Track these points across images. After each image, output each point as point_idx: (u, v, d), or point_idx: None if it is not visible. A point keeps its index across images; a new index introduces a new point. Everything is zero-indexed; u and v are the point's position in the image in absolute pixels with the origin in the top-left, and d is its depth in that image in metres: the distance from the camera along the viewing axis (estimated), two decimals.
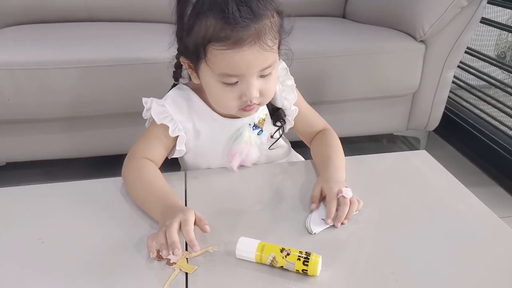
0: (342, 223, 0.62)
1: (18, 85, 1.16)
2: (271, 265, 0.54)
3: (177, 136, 0.73)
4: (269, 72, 0.66)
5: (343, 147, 0.79)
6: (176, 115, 0.72)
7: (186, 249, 0.57)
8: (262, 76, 0.65)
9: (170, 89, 0.78)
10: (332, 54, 1.32)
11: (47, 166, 1.41)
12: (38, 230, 0.61)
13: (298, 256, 0.53)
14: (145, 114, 0.76)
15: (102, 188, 0.73)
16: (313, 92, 1.34)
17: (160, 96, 0.80)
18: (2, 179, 1.36)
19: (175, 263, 0.54)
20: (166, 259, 0.55)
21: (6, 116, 1.22)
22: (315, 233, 0.60)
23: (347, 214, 0.62)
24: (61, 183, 0.73)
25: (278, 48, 0.67)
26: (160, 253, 0.55)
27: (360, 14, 1.68)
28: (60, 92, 1.19)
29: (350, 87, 1.39)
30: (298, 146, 0.92)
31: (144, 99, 0.74)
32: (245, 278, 0.53)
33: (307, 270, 0.52)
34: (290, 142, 0.89)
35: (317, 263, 0.52)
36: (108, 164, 1.41)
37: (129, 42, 1.31)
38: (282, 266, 0.53)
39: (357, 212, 0.65)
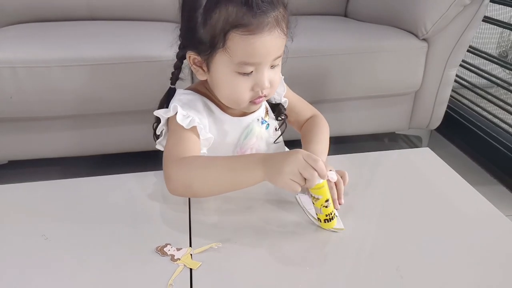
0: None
1: (20, 83, 1.16)
2: (311, 196, 0.59)
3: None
4: (278, 63, 0.68)
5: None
6: (197, 117, 0.70)
7: (190, 245, 0.57)
8: (272, 67, 0.67)
9: (166, 95, 0.77)
10: (334, 53, 1.32)
11: (49, 164, 1.41)
12: (42, 227, 0.61)
13: (330, 212, 0.59)
14: (160, 128, 0.72)
15: (105, 185, 0.73)
16: (315, 90, 1.35)
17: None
18: (4, 177, 1.36)
19: (179, 259, 0.54)
20: (171, 255, 0.55)
21: (8, 114, 1.22)
22: (343, 229, 0.61)
23: (338, 195, 0.65)
24: (65, 180, 0.73)
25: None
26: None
27: (362, 13, 1.68)
28: (62, 90, 1.19)
29: (352, 86, 1.39)
30: (289, 145, 0.92)
31: (159, 111, 0.70)
32: (249, 274, 0.53)
33: (325, 220, 0.59)
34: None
35: (334, 223, 0.60)
36: (111, 162, 1.42)
37: (130, 40, 1.31)
38: (313, 203, 0.59)
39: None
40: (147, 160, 1.42)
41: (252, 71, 0.65)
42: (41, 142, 1.32)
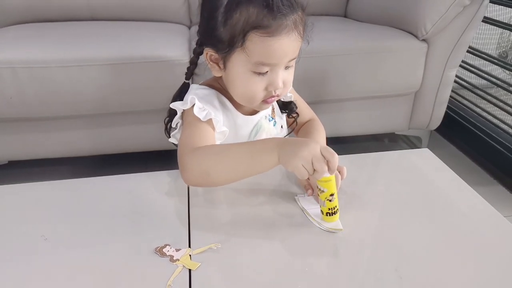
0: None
1: (20, 83, 1.16)
2: (317, 187, 0.60)
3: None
4: (292, 64, 0.70)
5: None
6: (213, 111, 0.71)
7: (190, 246, 0.57)
8: (286, 68, 0.69)
9: (179, 90, 0.78)
10: (334, 53, 1.32)
11: (49, 164, 1.42)
12: (41, 227, 0.61)
13: (334, 206, 0.60)
14: (176, 121, 0.74)
15: (104, 185, 0.73)
16: (315, 91, 1.35)
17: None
18: (4, 177, 1.36)
19: (178, 259, 0.54)
20: (170, 255, 0.55)
21: (8, 115, 1.22)
22: (342, 230, 0.61)
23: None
24: (64, 181, 0.73)
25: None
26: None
27: (362, 13, 1.68)
28: (61, 91, 1.19)
29: (352, 86, 1.39)
30: None
31: (176, 103, 0.72)
32: (248, 274, 0.53)
33: (327, 213, 0.61)
34: None
35: (336, 217, 0.61)
36: (111, 162, 1.42)
37: (131, 41, 1.31)
38: (318, 194, 0.61)
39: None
40: (147, 160, 1.43)
41: (267, 71, 0.67)
42: (41, 143, 1.32)
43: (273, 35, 0.63)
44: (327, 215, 0.61)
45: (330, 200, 0.60)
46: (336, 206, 0.61)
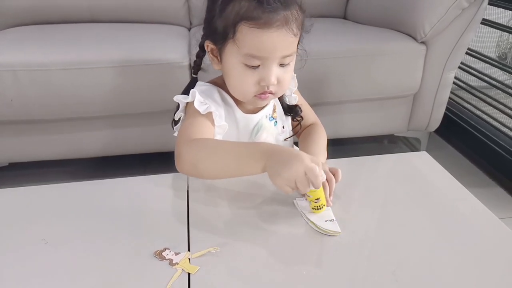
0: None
1: (20, 86, 1.16)
2: (306, 195, 0.63)
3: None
4: (288, 63, 0.70)
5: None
6: (214, 106, 0.73)
7: (189, 250, 0.58)
8: (281, 65, 0.69)
9: (187, 85, 0.80)
10: (333, 55, 1.33)
11: (49, 166, 1.42)
12: (42, 231, 0.62)
13: (319, 205, 0.64)
14: (178, 114, 0.76)
15: (104, 188, 0.73)
16: (314, 93, 1.35)
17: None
18: (4, 179, 1.37)
19: (177, 263, 0.55)
20: (169, 259, 0.55)
21: (9, 117, 1.23)
22: (340, 232, 0.61)
23: (329, 193, 0.66)
24: (65, 184, 0.74)
25: (298, 42, 0.71)
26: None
27: (361, 15, 1.68)
28: (62, 93, 1.20)
29: (351, 88, 1.39)
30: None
31: (179, 96, 0.74)
32: (246, 278, 0.54)
33: (313, 208, 0.64)
34: None
35: (322, 211, 0.64)
36: (110, 164, 1.42)
37: (131, 43, 1.31)
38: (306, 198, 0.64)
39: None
40: (147, 162, 1.43)
41: (259, 65, 0.68)
42: (41, 145, 1.32)
43: (262, 28, 0.64)
44: (313, 209, 0.64)
45: (315, 202, 0.63)
46: (321, 204, 0.64)
